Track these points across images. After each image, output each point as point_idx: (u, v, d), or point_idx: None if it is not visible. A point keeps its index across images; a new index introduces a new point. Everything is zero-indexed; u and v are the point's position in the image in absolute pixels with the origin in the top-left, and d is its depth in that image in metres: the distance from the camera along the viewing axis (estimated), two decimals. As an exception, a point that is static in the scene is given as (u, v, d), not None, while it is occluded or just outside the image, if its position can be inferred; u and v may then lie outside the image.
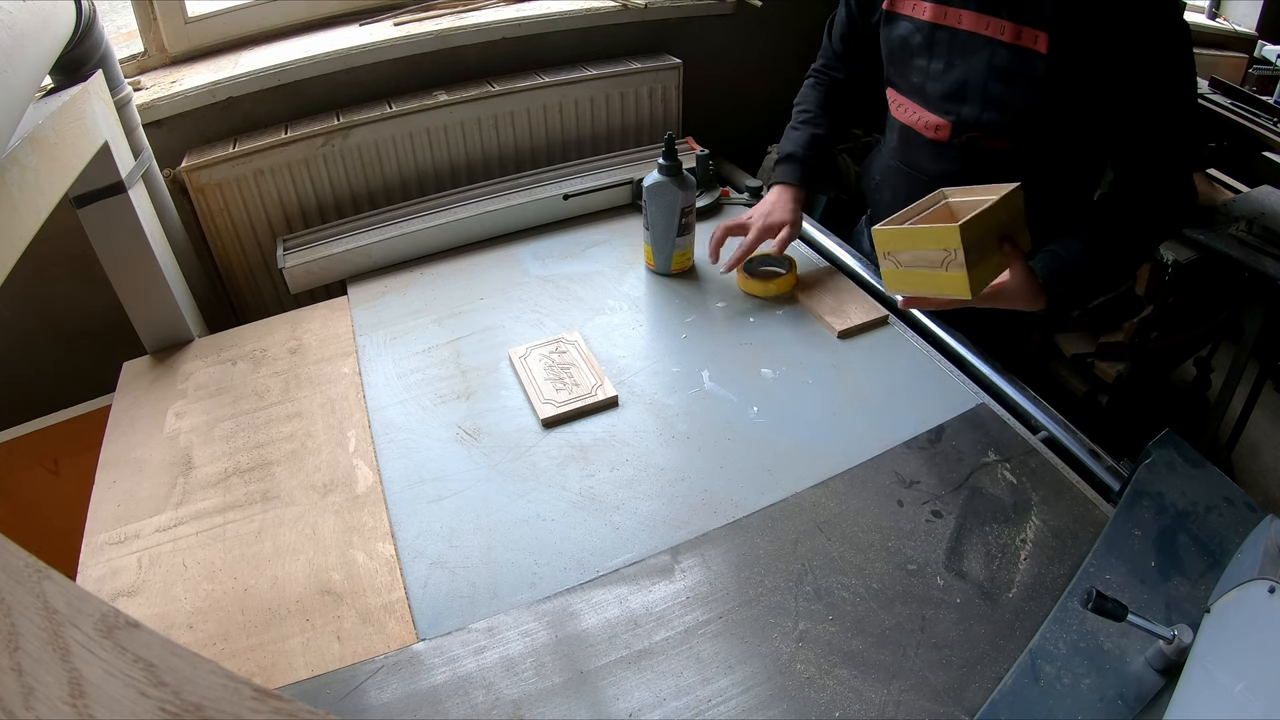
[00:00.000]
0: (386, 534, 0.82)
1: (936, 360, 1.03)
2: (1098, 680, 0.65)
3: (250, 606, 0.75)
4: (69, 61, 0.97)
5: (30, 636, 0.22)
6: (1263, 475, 1.78)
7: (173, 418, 0.99)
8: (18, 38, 0.71)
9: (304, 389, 1.02)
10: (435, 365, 1.04)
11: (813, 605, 0.73)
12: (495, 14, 1.52)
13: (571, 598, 0.75)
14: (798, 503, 0.83)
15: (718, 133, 1.62)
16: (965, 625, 0.71)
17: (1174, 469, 0.82)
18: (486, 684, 0.68)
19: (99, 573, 0.79)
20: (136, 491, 0.89)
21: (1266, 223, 1.36)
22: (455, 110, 1.45)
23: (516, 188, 1.36)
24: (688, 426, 0.93)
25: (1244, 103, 1.67)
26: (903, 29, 1.01)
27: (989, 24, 0.90)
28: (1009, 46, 0.89)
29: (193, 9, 1.43)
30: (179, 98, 1.31)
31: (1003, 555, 0.78)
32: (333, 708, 0.66)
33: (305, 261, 1.21)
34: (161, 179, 1.23)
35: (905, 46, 1.01)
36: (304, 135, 1.36)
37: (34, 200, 0.74)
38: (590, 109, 1.57)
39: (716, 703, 0.66)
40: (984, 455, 0.88)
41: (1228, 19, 2.09)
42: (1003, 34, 0.89)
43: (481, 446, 0.92)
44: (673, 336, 1.08)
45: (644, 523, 0.82)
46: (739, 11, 1.69)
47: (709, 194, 1.38)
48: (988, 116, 0.95)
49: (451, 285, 1.20)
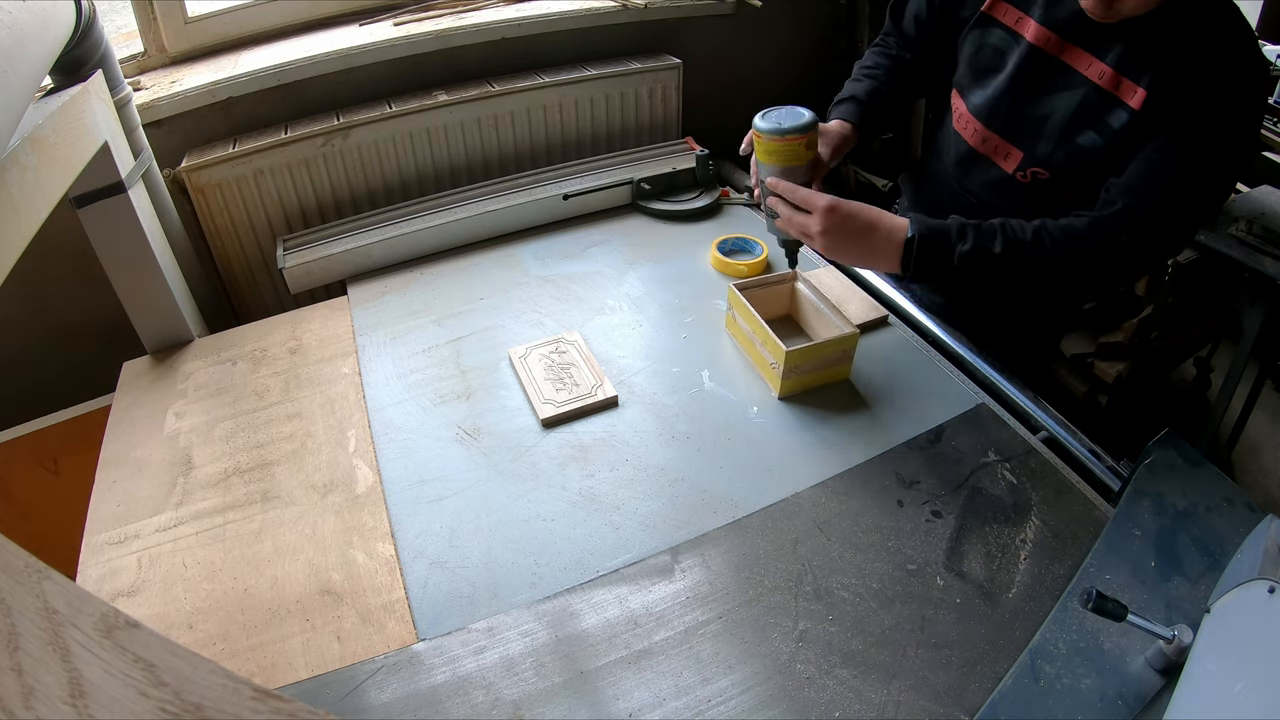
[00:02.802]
0: (386, 534, 0.82)
1: (936, 360, 1.03)
2: (1098, 680, 0.65)
3: (250, 606, 0.75)
4: (69, 61, 0.97)
5: (30, 636, 0.22)
6: (1263, 475, 1.78)
7: (173, 418, 0.99)
8: (18, 38, 0.71)
9: (304, 389, 1.02)
10: (435, 365, 1.04)
11: (813, 605, 0.73)
12: (495, 14, 1.52)
13: (571, 598, 0.75)
14: (797, 503, 0.83)
15: (718, 133, 1.61)
16: (965, 625, 0.71)
17: (1174, 469, 0.82)
18: (486, 684, 0.68)
19: (99, 573, 0.79)
20: (136, 491, 0.89)
21: (1266, 223, 1.36)
22: (455, 110, 1.45)
23: (516, 188, 1.36)
24: (688, 426, 0.93)
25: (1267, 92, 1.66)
26: (995, 39, 0.93)
27: (1091, 64, 0.85)
28: (1102, 93, 0.84)
29: (193, 9, 1.43)
30: (179, 98, 1.31)
31: (1003, 555, 0.78)
32: (333, 708, 0.66)
33: (305, 261, 1.21)
34: (161, 179, 1.23)
35: (995, 59, 0.94)
36: (304, 135, 1.36)
37: (34, 200, 0.74)
38: (590, 109, 1.57)
39: (716, 703, 0.66)
40: (984, 455, 0.88)
41: (1228, 19, 2.09)
42: (1101, 79, 0.84)
43: (481, 446, 0.92)
44: (673, 336, 1.08)
45: (644, 523, 0.82)
46: (739, 11, 1.69)
47: (709, 194, 1.38)
48: (1060, 157, 0.89)
49: (451, 285, 1.20)
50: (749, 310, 0.99)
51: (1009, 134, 0.94)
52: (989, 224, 0.85)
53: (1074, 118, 0.87)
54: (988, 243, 0.83)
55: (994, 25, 0.94)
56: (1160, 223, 0.83)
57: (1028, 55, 0.90)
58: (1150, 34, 0.80)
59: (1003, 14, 0.93)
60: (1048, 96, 0.89)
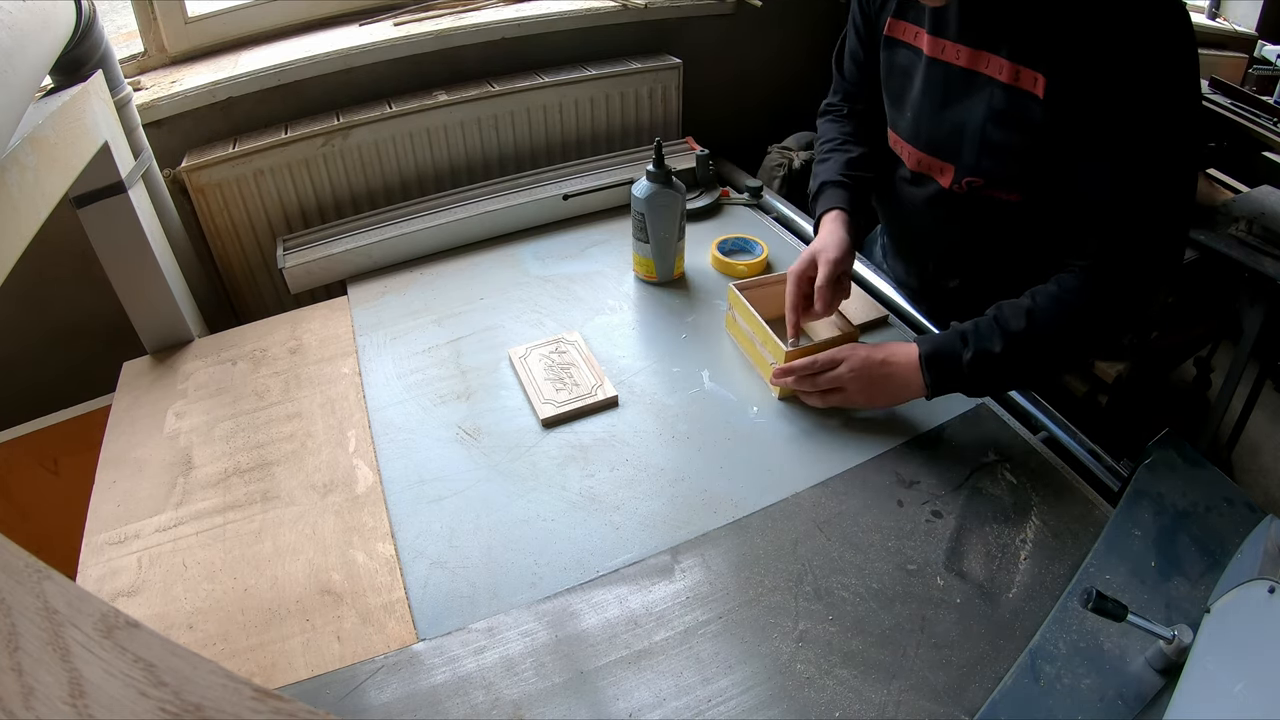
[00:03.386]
0: (386, 534, 0.82)
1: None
2: (1098, 680, 0.65)
3: (250, 606, 0.75)
4: (69, 61, 0.97)
5: (30, 636, 0.22)
6: (1263, 475, 1.78)
7: (173, 418, 0.99)
8: (18, 38, 0.71)
9: (304, 389, 1.02)
10: (435, 365, 1.04)
11: (813, 605, 0.73)
12: (495, 14, 1.53)
13: (571, 598, 0.75)
14: (798, 503, 0.83)
15: (718, 133, 1.61)
16: (965, 625, 0.71)
17: (1174, 469, 0.82)
18: (486, 684, 0.68)
19: (99, 573, 0.79)
20: (136, 491, 0.89)
21: (1266, 223, 1.36)
22: (455, 110, 1.45)
23: (516, 188, 1.36)
24: (688, 426, 0.93)
25: (1244, 103, 1.66)
26: (901, 58, 0.92)
27: (988, 61, 0.82)
28: (1006, 88, 0.81)
29: (193, 9, 1.43)
30: (179, 98, 1.31)
31: (1003, 555, 0.78)
32: (333, 708, 0.66)
33: (305, 261, 1.21)
34: (161, 179, 1.23)
35: (904, 79, 0.92)
36: (304, 135, 1.36)
37: (34, 200, 0.74)
38: (590, 109, 1.57)
39: (716, 703, 0.66)
40: (984, 455, 0.88)
41: (1228, 19, 2.09)
42: (1000, 73, 0.81)
43: (481, 446, 0.92)
44: (673, 336, 1.08)
45: (644, 523, 0.82)
46: (739, 11, 1.69)
47: (709, 194, 1.38)
48: (986, 164, 0.86)
49: (451, 285, 1.20)
50: (749, 310, 0.99)
51: (936, 151, 0.92)
52: (985, 320, 0.84)
53: (988, 121, 0.84)
54: (986, 344, 0.82)
55: (897, 45, 0.92)
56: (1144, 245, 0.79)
57: (929, 68, 0.88)
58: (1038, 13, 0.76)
59: (901, 32, 0.91)
60: (958, 105, 0.86)
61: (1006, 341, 0.81)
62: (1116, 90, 0.74)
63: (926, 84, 0.89)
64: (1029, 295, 0.83)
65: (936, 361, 0.84)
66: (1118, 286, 0.81)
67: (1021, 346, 0.81)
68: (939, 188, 0.94)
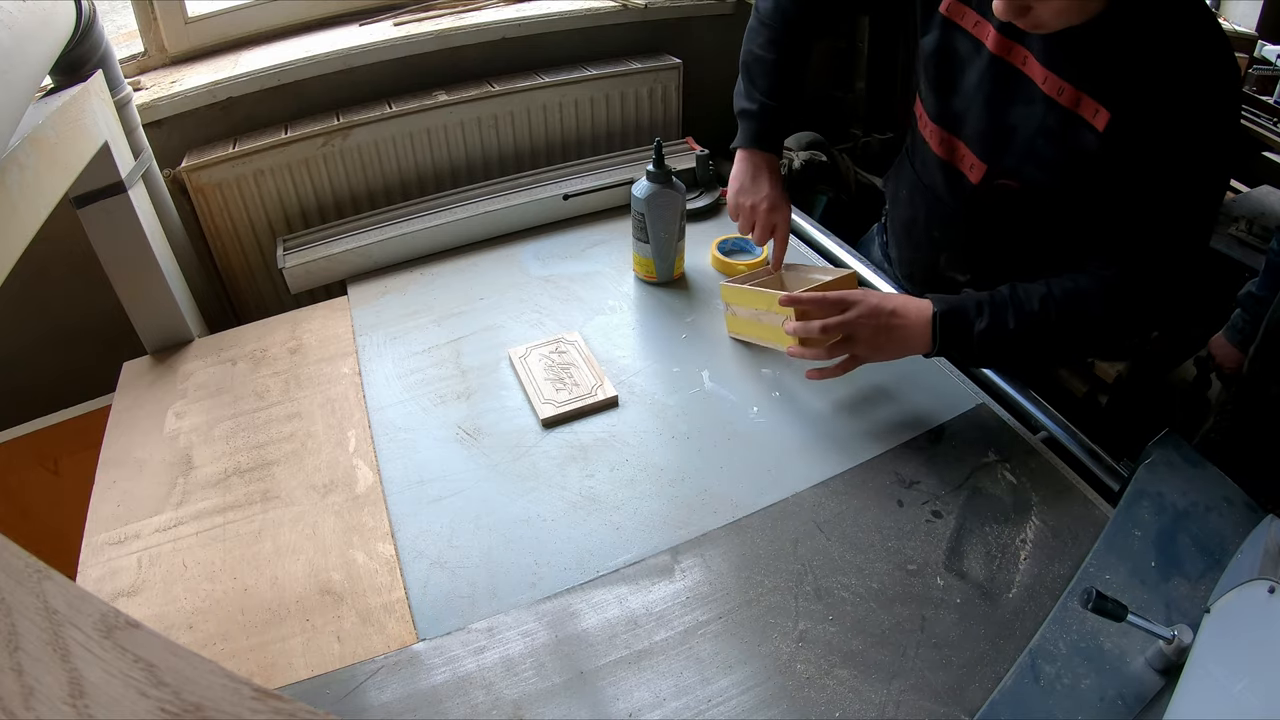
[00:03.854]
0: (386, 534, 0.82)
1: (936, 360, 1.03)
2: (1098, 680, 0.65)
3: (250, 606, 0.75)
4: (69, 61, 0.97)
5: (30, 636, 0.22)
6: (1263, 475, 1.77)
7: (173, 418, 0.99)
8: (18, 38, 0.71)
9: (304, 389, 1.02)
10: (435, 365, 1.04)
11: (813, 605, 0.73)
12: (495, 14, 1.52)
13: (571, 598, 0.75)
14: (798, 503, 0.83)
15: (718, 133, 1.61)
16: (965, 625, 0.71)
17: (1174, 469, 0.82)
18: (486, 684, 0.68)
19: (99, 573, 0.79)
20: (136, 491, 0.89)
21: (1266, 223, 1.37)
22: (455, 110, 1.45)
23: (516, 188, 1.36)
24: (688, 426, 0.93)
25: (1244, 103, 1.66)
26: (959, 44, 0.89)
27: (1047, 78, 0.80)
28: (1064, 111, 0.80)
29: (193, 9, 1.43)
30: (179, 98, 1.31)
31: (1003, 555, 0.78)
32: (333, 708, 0.66)
33: (305, 261, 1.21)
34: (161, 179, 1.23)
35: (957, 67, 0.89)
36: (304, 135, 1.36)
37: (34, 200, 0.74)
38: (590, 109, 1.57)
39: (716, 703, 0.66)
40: (984, 455, 0.88)
41: (1228, 19, 2.09)
42: (1060, 95, 0.79)
43: (481, 446, 0.92)
44: (673, 336, 1.08)
45: (644, 523, 0.82)
46: (739, 11, 1.69)
47: (709, 194, 1.38)
48: (1029, 172, 0.86)
49: (451, 285, 1.20)
50: (742, 289, 0.98)
51: (974, 144, 0.91)
52: (1000, 294, 0.84)
53: (1039, 135, 0.83)
54: (1001, 317, 0.82)
55: (955, 29, 0.89)
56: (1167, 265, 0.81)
57: (993, 65, 0.85)
58: (1108, 47, 0.75)
59: (961, 17, 0.88)
60: (1013, 108, 0.85)
61: (1019, 320, 0.82)
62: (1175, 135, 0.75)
63: (986, 80, 0.86)
64: (1043, 283, 0.84)
65: (949, 322, 0.84)
66: (1134, 300, 0.82)
67: (1033, 329, 0.82)
68: (968, 183, 0.93)
